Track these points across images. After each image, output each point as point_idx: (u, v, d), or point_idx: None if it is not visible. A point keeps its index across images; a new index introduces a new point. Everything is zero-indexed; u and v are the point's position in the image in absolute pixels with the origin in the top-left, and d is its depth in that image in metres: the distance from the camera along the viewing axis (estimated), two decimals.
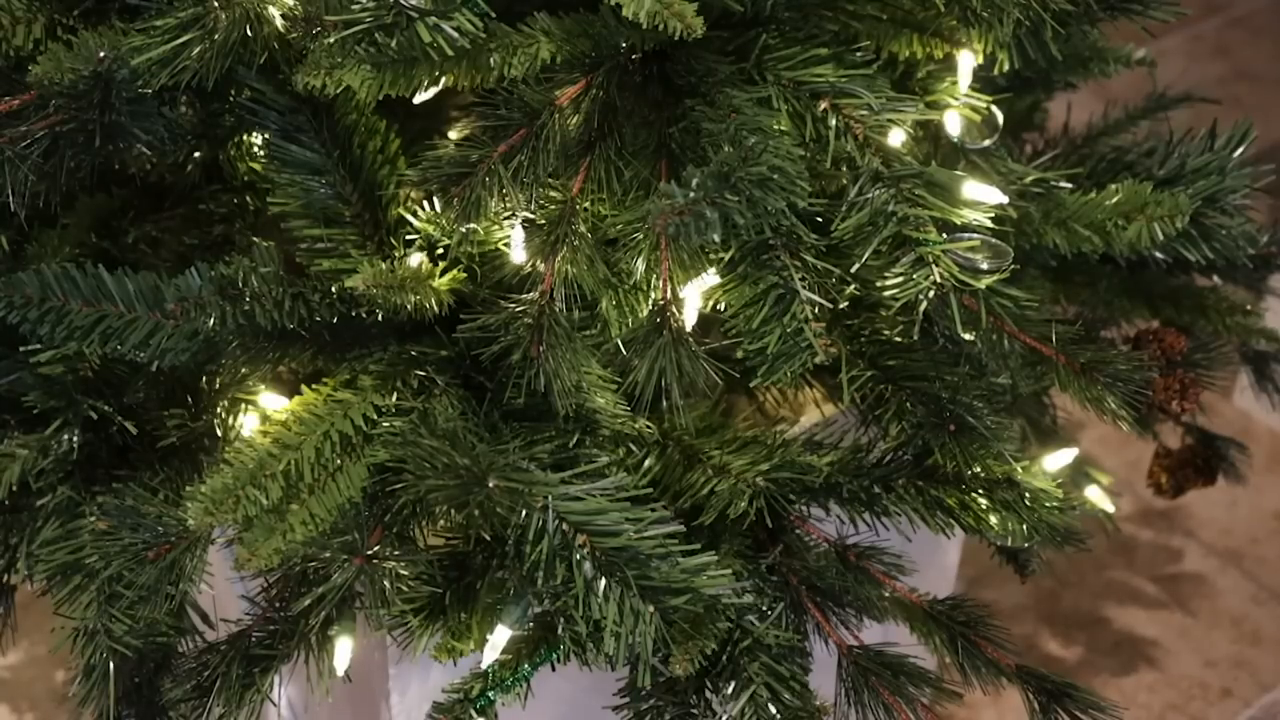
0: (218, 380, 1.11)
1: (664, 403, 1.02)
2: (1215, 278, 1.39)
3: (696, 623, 1.00)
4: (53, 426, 1.11)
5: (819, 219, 0.99)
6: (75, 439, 1.11)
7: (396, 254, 1.05)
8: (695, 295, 1.01)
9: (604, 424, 1.05)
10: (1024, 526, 1.11)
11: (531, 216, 1.00)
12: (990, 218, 0.96)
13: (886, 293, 0.95)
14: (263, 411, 1.09)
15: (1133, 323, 1.37)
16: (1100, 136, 1.42)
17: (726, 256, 0.98)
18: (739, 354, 0.99)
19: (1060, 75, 1.30)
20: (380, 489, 1.03)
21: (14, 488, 1.10)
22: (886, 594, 1.12)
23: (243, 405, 1.10)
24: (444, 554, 1.07)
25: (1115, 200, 1.09)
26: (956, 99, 1.11)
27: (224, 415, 1.10)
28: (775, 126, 0.96)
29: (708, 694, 1.07)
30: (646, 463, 1.11)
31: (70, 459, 1.11)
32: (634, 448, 1.11)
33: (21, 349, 1.08)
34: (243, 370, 1.08)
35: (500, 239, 1.03)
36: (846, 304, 1.06)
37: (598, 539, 0.93)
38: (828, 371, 1.15)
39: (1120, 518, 1.75)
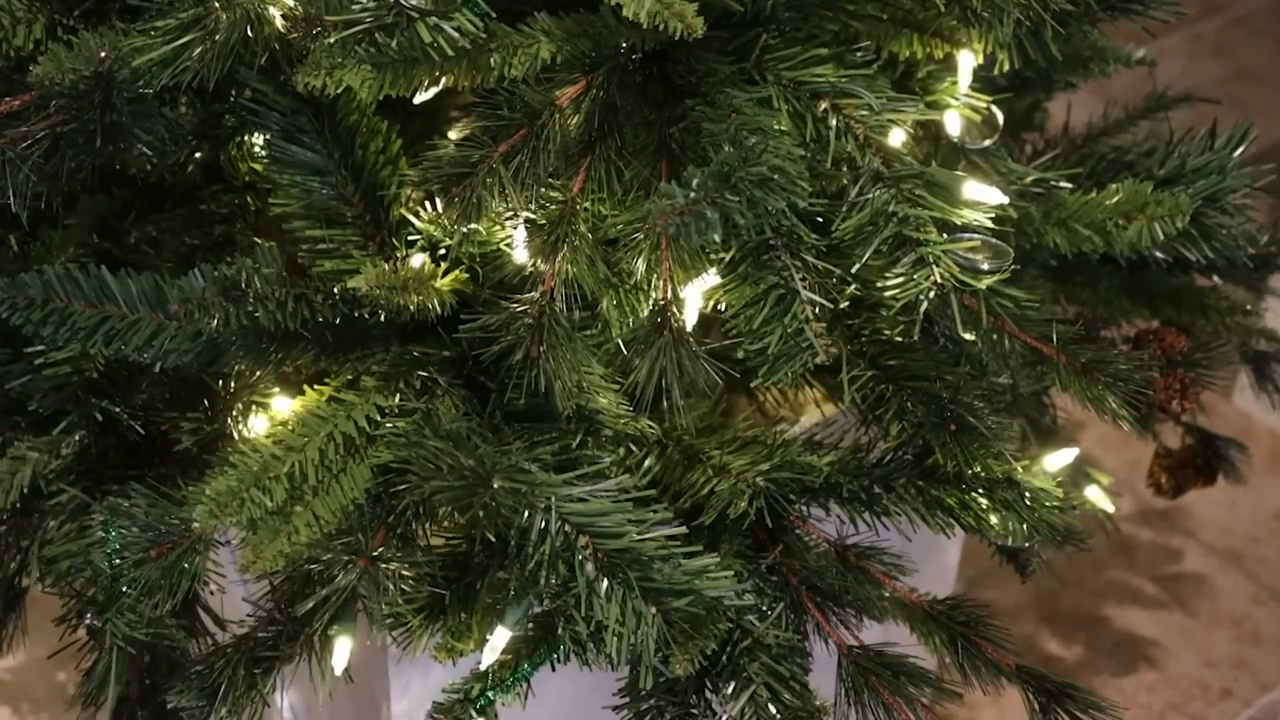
0: (232, 383, 1.11)
1: (664, 403, 1.02)
2: (1215, 278, 1.39)
3: (697, 623, 1.00)
4: (60, 428, 1.11)
5: (819, 219, 0.99)
6: (84, 440, 1.11)
7: (398, 255, 1.05)
8: (696, 295, 1.01)
9: (606, 424, 1.05)
10: (1024, 526, 1.11)
11: (532, 216, 1.00)
12: (990, 218, 0.96)
13: (887, 293, 0.95)
14: (272, 414, 1.09)
15: (1133, 323, 1.37)
16: (1100, 136, 1.42)
17: (727, 256, 0.98)
18: (739, 354, 0.99)
19: (1060, 75, 1.30)
20: (383, 490, 1.03)
21: (25, 490, 1.10)
22: (886, 594, 1.13)
23: (255, 408, 1.10)
24: (445, 554, 1.07)
25: (1115, 200, 1.09)
26: (956, 99, 1.11)
27: (238, 418, 1.10)
28: (775, 126, 0.96)
29: (708, 694, 1.07)
30: (646, 463, 1.11)
31: (80, 460, 1.12)
32: (634, 448, 1.11)
33: (26, 350, 1.08)
34: (252, 372, 1.08)
35: (501, 239, 1.03)
36: (847, 304, 1.06)
37: (600, 540, 0.93)
38: (828, 371, 1.15)
39: (1120, 518, 1.75)
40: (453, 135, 1.12)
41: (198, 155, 1.14)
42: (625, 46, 1.01)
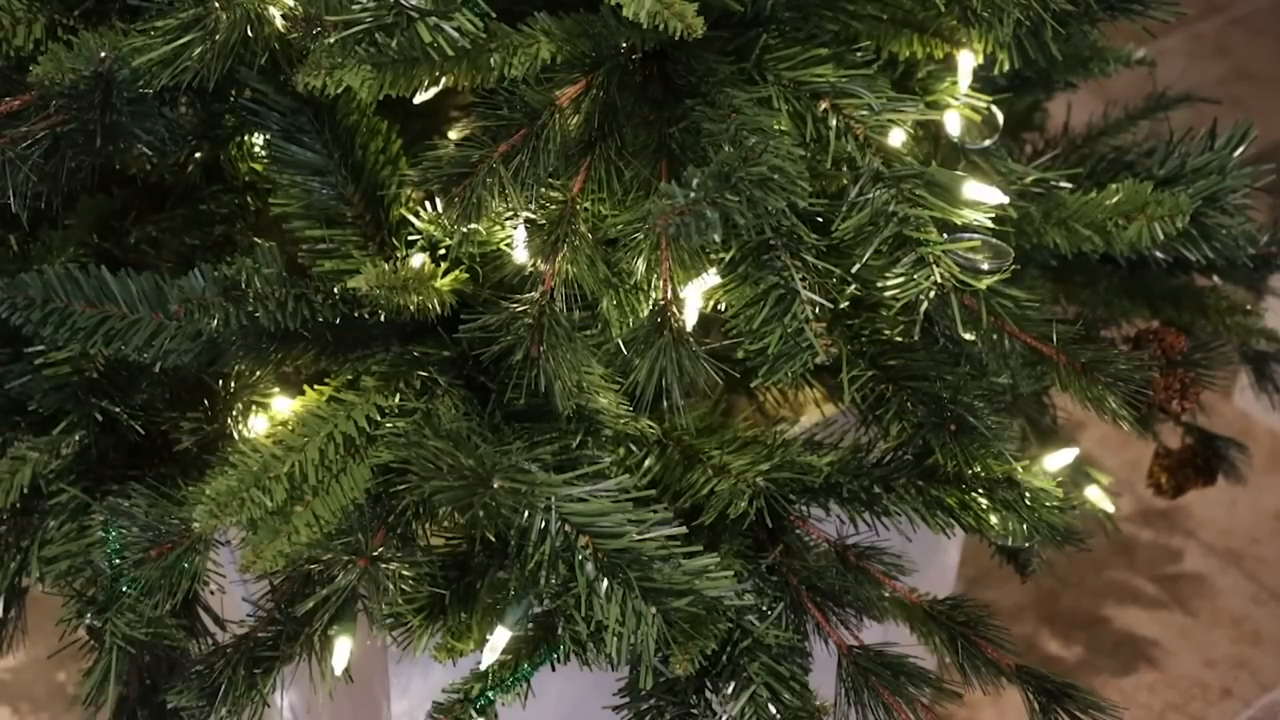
0: (232, 383, 1.11)
1: (664, 403, 1.02)
2: (1215, 278, 1.39)
3: (697, 623, 1.00)
4: (60, 428, 1.11)
5: (819, 219, 0.99)
6: (84, 440, 1.11)
7: (399, 255, 1.05)
8: (696, 295, 1.01)
9: (606, 424, 1.05)
10: (1024, 526, 1.11)
11: (532, 216, 1.00)
12: (990, 218, 0.96)
13: (887, 293, 0.95)
14: (272, 414, 1.09)
15: (1133, 323, 1.37)
16: (1100, 136, 1.42)
17: (727, 256, 0.98)
18: (739, 354, 0.99)
19: (1060, 75, 1.30)
20: (383, 490, 1.03)
21: (25, 490, 1.10)
22: (886, 594, 1.13)
23: (255, 408, 1.10)
24: (445, 554, 1.07)
25: (1115, 200, 1.09)
26: (956, 99, 1.11)
27: (238, 418, 1.10)
28: (775, 126, 0.96)
29: (708, 694, 1.07)
30: (646, 463, 1.11)
31: (80, 460, 1.12)
32: (634, 448, 1.11)
33: (26, 350, 1.08)
34: (251, 371, 1.08)
35: (502, 239, 1.03)
36: (847, 304, 1.06)
37: (600, 540, 0.93)
38: (828, 371, 1.15)
39: (1120, 518, 1.75)
40: (453, 135, 1.12)
41: (198, 155, 1.14)
42: (625, 46, 1.01)
